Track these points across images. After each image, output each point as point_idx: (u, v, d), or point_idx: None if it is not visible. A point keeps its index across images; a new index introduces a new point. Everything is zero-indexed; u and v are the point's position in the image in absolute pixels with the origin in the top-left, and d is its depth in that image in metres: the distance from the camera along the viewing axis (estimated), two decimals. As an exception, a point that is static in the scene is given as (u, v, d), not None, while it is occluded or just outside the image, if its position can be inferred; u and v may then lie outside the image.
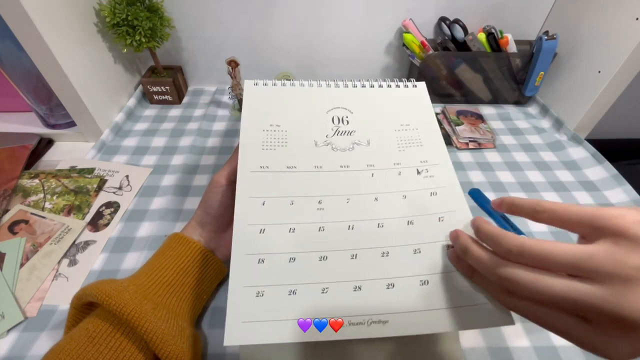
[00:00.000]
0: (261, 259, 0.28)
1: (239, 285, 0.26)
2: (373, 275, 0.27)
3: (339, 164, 0.33)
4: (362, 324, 0.25)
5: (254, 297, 0.26)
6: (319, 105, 0.36)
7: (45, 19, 0.45)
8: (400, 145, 0.34)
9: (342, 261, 0.28)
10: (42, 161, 0.55)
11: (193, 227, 0.35)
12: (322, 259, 0.28)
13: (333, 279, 0.27)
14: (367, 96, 0.38)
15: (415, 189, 0.32)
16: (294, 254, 0.28)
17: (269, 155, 0.33)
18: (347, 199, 0.31)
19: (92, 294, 0.27)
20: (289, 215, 0.30)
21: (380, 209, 0.31)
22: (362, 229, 0.29)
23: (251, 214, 0.30)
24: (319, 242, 0.29)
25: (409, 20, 0.63)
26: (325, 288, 0.27)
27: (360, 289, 0.27)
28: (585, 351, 0.19)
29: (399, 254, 0.28)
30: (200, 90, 0.73)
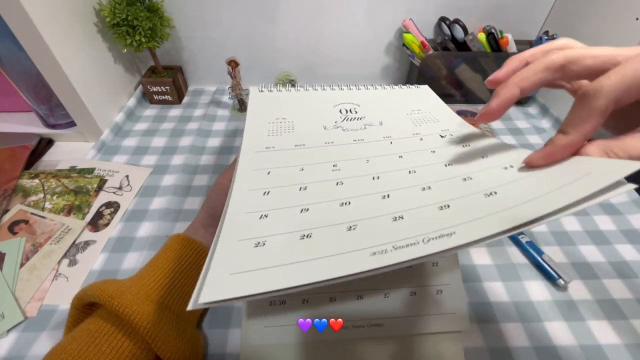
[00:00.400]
0: (264, 214, 0.22)
1: (231, 240, 0.21)
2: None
3: (353, 138, 0.30)
4: (416, 243, 0.19)
5: (251, 247, 0.20)
6: (325, 102, 0.36)
7: (45, 19, 0.45)
8: (416, 123, 0.32)
9: (372, 202, 0.23)
10: (42, 161, 0.55)
11: (196, 229, 0.36)
12: (345, 204, 0.23)
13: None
14: (374, 94, 0.38)
15: (443, 145, 0.28)
16: (308, 205, 0.23)
17: (274, 139, 0.30)
18: (366, 160, 0.27)
19: (94, 294, 0.27)
20: (300, 177, 0.25)
21: (408, 161, 0.27)
22: (390, 180, 0.25)
23: (254, 181, 0.25)
24: (339, 192, 0.24)
25: (409, 20, 0.63)
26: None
27: (402, 218, 0.21)
28: None
29: (445, 184, 0.24)
30: (200, 90, 0.73)
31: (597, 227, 0.46)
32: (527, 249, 0.41)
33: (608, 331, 0.35)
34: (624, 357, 0.33)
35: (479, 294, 0.38)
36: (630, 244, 0.43)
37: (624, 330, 0.35)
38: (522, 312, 0.37)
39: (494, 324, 0.36)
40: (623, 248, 0.43)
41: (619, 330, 0.35)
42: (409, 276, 0.31)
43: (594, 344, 0.34)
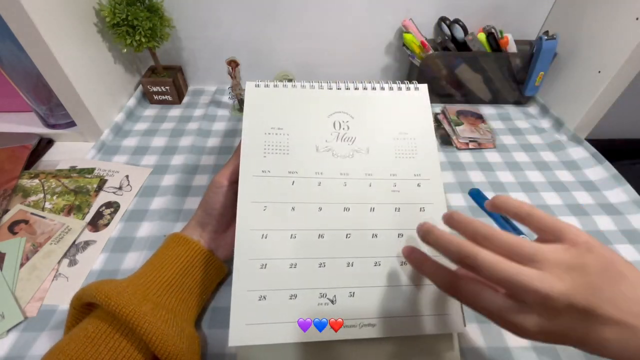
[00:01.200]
0: (263, 264, 0.30)
1: (242, 289, 0.29)
2: (366, 282, 0.31)
3: (339, 171, 0.34)
4: (355, 326, 0.29)
5: (256, 300, 0.29)
6: (320, 109, 0.36)
7: (45, 19, 0.45)
8: (397, 155, 0.36)
9: (339, 269, 0.31)
10: (42, 161, 0.55)
11: (193, 227, 0.35)
12: (321, 266, 0.31)
13: (330, 284, 0.30)
14: (368, 100, 0.38)
15: (408, 201, 0.34)
16: (295, 260, 0.30)
17: (270, 160, 0.33)
18: (345, 207, 0.33)
19: (91, 294, 0.27)
20: (290, 222, 0.31)
21: (375, 219, 0.33)
22: (358, 238, 0.32)
23: (253, 219, 0.31)
24: (318, 249, 0.31)
25: (409, 20, 0.63)
26: (323, 293, 0.30)
27: (353, 295, 0.30)
28: (505, 329, 0.23)
29: (389, 264, 0.31)
30: (200, 90, 0.73)
31: (597, 227, 0.46)
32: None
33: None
34: (624, 357, 0.33)
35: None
36: (630, 244, 0.43)
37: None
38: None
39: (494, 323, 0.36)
40: (623, 248, 0.43)
41: (619, 330, 0.35)
42: (404, 275, 0.32)
43: (594, 344, 0.34)
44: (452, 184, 0.52)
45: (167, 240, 0.35)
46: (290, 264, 0.30)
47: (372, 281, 0.31)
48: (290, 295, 0.29)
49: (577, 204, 0.49)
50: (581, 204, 0.49)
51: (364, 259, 0.31)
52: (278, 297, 0.29)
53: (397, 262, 0.32)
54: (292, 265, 0.30)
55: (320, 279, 0.30)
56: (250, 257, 0.30)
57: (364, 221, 0.32)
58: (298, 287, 0.30)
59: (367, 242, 0.32)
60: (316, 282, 0.30)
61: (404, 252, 0.29)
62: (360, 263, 0.31)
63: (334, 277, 0.30)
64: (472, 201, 0.49)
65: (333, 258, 0.31)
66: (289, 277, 0.30)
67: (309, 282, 0.30)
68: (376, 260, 0.31)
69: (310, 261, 0.31)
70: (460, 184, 0.52)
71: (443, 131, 0.61)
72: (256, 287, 0.29)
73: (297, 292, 0.29)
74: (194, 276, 0.33)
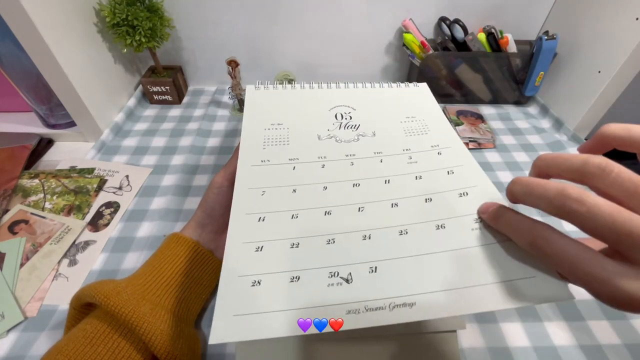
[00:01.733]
0: (259, 246, 0.25)
1: (231, 275, 0.23)
2: (392, 254, 0.24)
3: (345, 153, 0.31)
4: (383, 308, 0.21)
5: (249, 287, 0.23)
6: (321, 104, 0.36)
7: (45, 19, 0.45)
8: (407, 133, 0.33)
9: (354, 243, 0.25)
10: (42, 161, 0.55)
11: (192, 228, 0.35)
12: (330, 242, 0.25)
13: (344, 261, 0.24)
14: (369, 95, 0.37)
15: (430, 169, 0.29)
16: (297, 239, 0.25)
17: (270, 151, 0.31)
18: (354, 183, 0.28)
19: (90, 294, 0.27)
20: (292, 202, 0.27)
21: (393, 189, 0.28)
22: (374, 211, 0.26)
23: (249, 203, 0.27)
24: (325, 226, 0.26)
25: (409, 20, 0.63)
26: (333, 272, 0.23)
27: (375, 270, 0.23)
28: (613, 304, 0.16)
29: (419, 230, 0.25)
30: (200, 90, 0.73)
31: (597, 227, 0.45)
32: (527, 249, 0.41)
33: (608, 331, 0.35)
34: (624, 357, 0.33)
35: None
36: (630, 244, 0.43)
37: (624, 330, 0.35)
38: (522, 312, 0.37)
39: (494, 324, 0.36)
40: (623, 248, 0.43)
41: (619, 330, 0.35)
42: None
43: (594, 344, 0.34)
44: (452, 184, 0.52)
45: (167, 240, 0.35)
46: (291, 244, 0.25)
47: (400, 251, 0.24)
48: (291, 277, 0.23)
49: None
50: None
51: (384, 230, 0.25)
52: (276, 281, 0.23)
53: (431, 226, 0.25)
54: (293, 245, 0.25)
55: (329, 256, 0.24)
56: (243, 241, 0.25)
57: (379, 193, 0.28)
58: (301, 267, 0.24)
59: (385, 212, 0.26)
60: (324, 260, 0.24)
61: (480, 210, 0.24)
62: (381, 234, 0.25)
63: (347, 252, 0.24)
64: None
65: (344, 233, 0.25)
66: (290, 257, 0.24)
67: (315, 260, 0.24)
68: (401, 229, 0.25)
69: (316, 239, 0.25)
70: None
71: (443, 131, 0.61)
72: (249, 272, 0.23)
73: (300, 273, 0.23)
74: (193, 276, 0.33)
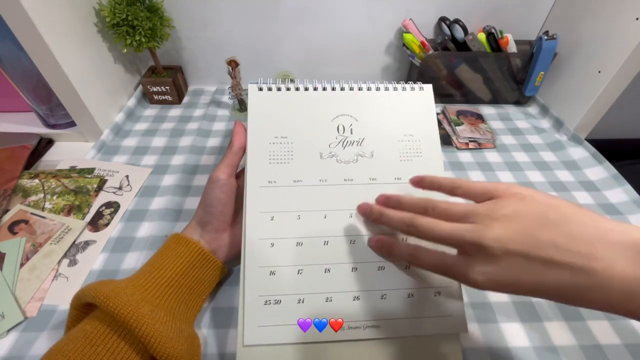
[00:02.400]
0: (272, 271, 0.31)
1: (253, 294, 0.31)
2: (370, 287, 0.32)
3: (343, 177, 0.35)
4: (359, 327, 0.30)
5: (267, 304, 0.31)
6: (324, 113, 0.37)
7: (45, 19, 0.45)
8: (402, 157, 0.36)
9: (344, 273, 0.32)
10: (42, 161, 0.55)
11: (193, 228, 0.35)
12: (327, 272, 0.32)
13: (336, 289, 0.31)
14: (372, 101, 0.38)
15: None
16: (302, 267, 0.32)
17: (276, 170, 0.34)
18: (350, 213, 0.33)
19: (90, 295, 0.27)
20: (297, 230, 0.33)
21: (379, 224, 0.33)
22: (362, 244, 0.33)
23: (261, 229, 0.32)
24: (324, 255, 0.32)
25: (409, 20, 0.63)
26: (329, 297, 0.31)
27: (358, 299, 0.31)
28: (452, 278, 0.26)
29: (392, 268, 0.32)
30: (200, 90, 0.73)
31: (597, 227, 0.45)
32: (527, 249, 0.41)
33: (608, 331, 0.35)
34: (624, 357, 0.33)
35: (478, 294, 0.38)
36: (630, 244, 0.43)
37: (624, 330, 0.35)
38: (522, 312, 0.37)
39: (494, 324, 0.36)
40: (623, 248, 0.43)
41: (619, 330, 0.35)
42: (407, 278, 0.32)
43: (594, 344, 0.34)
44: (452, 184, 0.52)
45: (168, 240, 0.35)
46: (297, 270, 0.32)
47: (376, 284, 0.32)
48: (298, 299, 0.31)
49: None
50: (581, 204, 0.49)
51: (367, 264, 0.32)
52: (287, 302, 0.31)
53: (401, 265, 0.32)
54: (299, 271, 0.32)
55: (325, 284, 0.31)
56: (259, 265, 0.31)
57: (368, 226, 0.33)
58: (305, 292, 0.31)
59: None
60: (322, 287, 0.31)
61: (371, 243, 0.32)
62: (364, 268, 0.32)
63: (339, 282, 0.32)
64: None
65: (338, 264, 0.32)
66: (296, 282, 0.31)
67: (315, 287, 0.31)
68: (380, 265, 0.32)
69: (316, 267, 0.32)
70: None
71: (443, 131, 0.61)
72: (266, 293, 0.31)
73: (304, 296, 0.31)
74: (194, 277, 0.33)
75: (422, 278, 0.32)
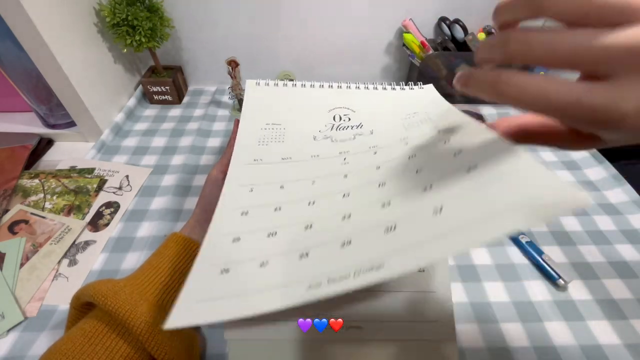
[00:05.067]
0: (237, 237, 0.24)
1: (203, 265, 0.22)
2: (370, 224, 0.23)
3: (339, 151, 0.30)
4: (347, 277, 0.19)
5: (217, 274, 0.22)
6: (320, 105, 0.35)
7: (45, 19, 0.45)
8: (408, 127, 0.31)
9: (332, 223, 0.24)
10: (42, 161, 0.55)
11: (192, 227, 0.35)
12: (308, 228, 0.24)
13: (318, 241, 0.23)
14: (371, 97, 0.36)
15: (424, 147, 0.27)
16: (275, 229, 0.24)
17: (264, 149, 0.31)
18: (344, 175, 0.27)
19: (89, 294, 0.27)
20: (277, 196, 0.27)
21: (383, 171, 0.27)
22: (359, 194, 0.26)
23: (237, 199, 0.27)
24: (306, 214, 0.25)
25: (409, 20, 0.63)
26: (304, 254, 0.22)
27: (350, 243, 0.22)
28: (591, 126, 0.15)
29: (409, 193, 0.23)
30: (200, 90, 0.73)
31: (597, 227, 0.46)
32: (527, 249, 0.41)
33: (608, 331, 0.35)
34: (624, 357, 0.33)
35: (479, 294, 0.38)
36: (630, 244, 0.43)
37: (624, 330, 0.35)
38: (522, 312, 0.37)
39: (494, 324, 0.36)
40: (623, 248, 0.43)
41: (619, 330, 0.35)
42: (394, 281, 0.30)
43: (594, 344, 0.34)
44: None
45: (167, 240, 0.35)
46: (268, 234, 0.24)
47: (379, 219, 0.23)
48: (261, 262, 0.22)
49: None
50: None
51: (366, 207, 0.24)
52: (246, 267, 0.22)
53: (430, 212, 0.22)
54: (270, 234, 0.24)
55: (305, 239, 0.23)
56: (223, 233, 0.24)
57: (367, 175, 0.27)
58: (273, 252, 0.23)
59: (371, 191, 0.26)
60: (299, 244, 0.23)
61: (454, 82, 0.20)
62: (360, 211, 0.24)
63: (323, 234, 0.24)
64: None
65: (323, 218, 0.24)
66: (264, 243, 0.24)
67: (289, 244, 0.23)
68: (384, 202, 0.24)
69: (294, 227, 0.24)
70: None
71: (443, 131, 0.61)
72: (222, 261, 0.23)
73: (270, 258, 0.22)
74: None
75: (409, 282, 0.30)
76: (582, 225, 0.46)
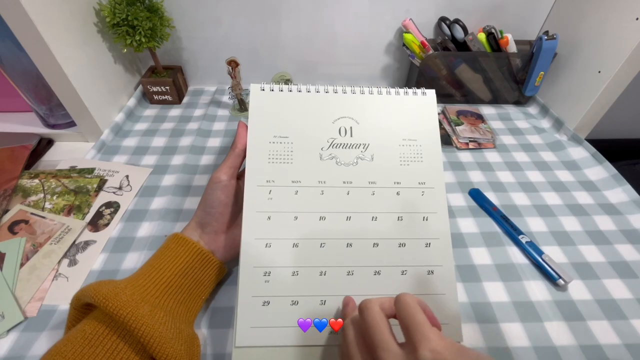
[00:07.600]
0: (267, 271, 0.31)
1: (247, 295, 0.30)
2: (365, 291, 0.31)
3: (342, 179, 0.35)
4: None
5: (260, 306, 0.30)
6: (325, 114, 0.36)
7: (45, 19, 0.45)
8: (402, 161, 0.36)
9: (339, 277, 0.32)
10: (42, 161, 0.55)
11: (193, 228, 0.35)
12: (322, 274, 0.32)
13: (330, 292, 0.31)
14: (374, 104, 0.37)
15: (410, 211, 0.34)
16: (297, 268, 0.32)
17: (275, 169, 0.34)
18: (347, 216, 0.33)
19: (89, 295, 0.27)
20: (293, 231, 0.33)
21: (377, 228, 0.33)
22: (359, 247, 0.33)
23: (258, 228, 0.32)
24: (320, 257, 0.32)
25: (409, 20, 0.63)
26: (323, 300, 0.31)
27: None
28: None
29: (389, 273, 0.32)
30: (200, 90, 0.73)
31: (597, 227, 0.46)
32: (527, 249, 0.41)
33: (608, 331, 0.35)
34: (624, 357, 0.33)
35: (479, 294, 0.38)
36: (630, 244, 0.43)
37: (624, 330, 0.35)
38: (522, 312, 0.37)
39: (494, 324, 0.36)
40: (623, 248, 0.43)
41: (619, 330, 0.35)
42: (403, 281, 0.32)
43: (594, 344, 0.34)
44: (452, 184, 0.52)
45: (167, 240, 0.35)
46: (292, 272, 0.31)
47: (371, 290, 0.31)
48: (291, 301, 0.31)
49: (577, 204, 0.49)
50: (581, 204, 0.49)
51: (364, 268, 0.32)
52: (280, 303, 0.31)
53: (397, 271, 0.32)
54: (294, 273, 0.31)
55: (320, 286, 0.31)
56: (254, 265, 0.31)
57: (365, 230, 0.33)
58: (299, 294, 0.31)
59: (367, 251, 0.33)
60: (317, 290, 0.31)
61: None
62: (360, 271, 0.32)
63: (334, 285, 0.31)
64: (472, 201, 0.49)
65: (334, 267, 0.32)
66: (291, 284, 0.31)
67: (310, 289, 0.31)
68: (376, 270, 0.32)
69: (312, 269, 0.32)
70: (460, 184, 0.52)
71: (443, 131, 0.61)
72: (260, 294, 0.31)
73: (299, 299, 0.31)
74: (193, 277, 0.33)
75: (419, 286, 0.32)
76: (582, 225, 0.46)
